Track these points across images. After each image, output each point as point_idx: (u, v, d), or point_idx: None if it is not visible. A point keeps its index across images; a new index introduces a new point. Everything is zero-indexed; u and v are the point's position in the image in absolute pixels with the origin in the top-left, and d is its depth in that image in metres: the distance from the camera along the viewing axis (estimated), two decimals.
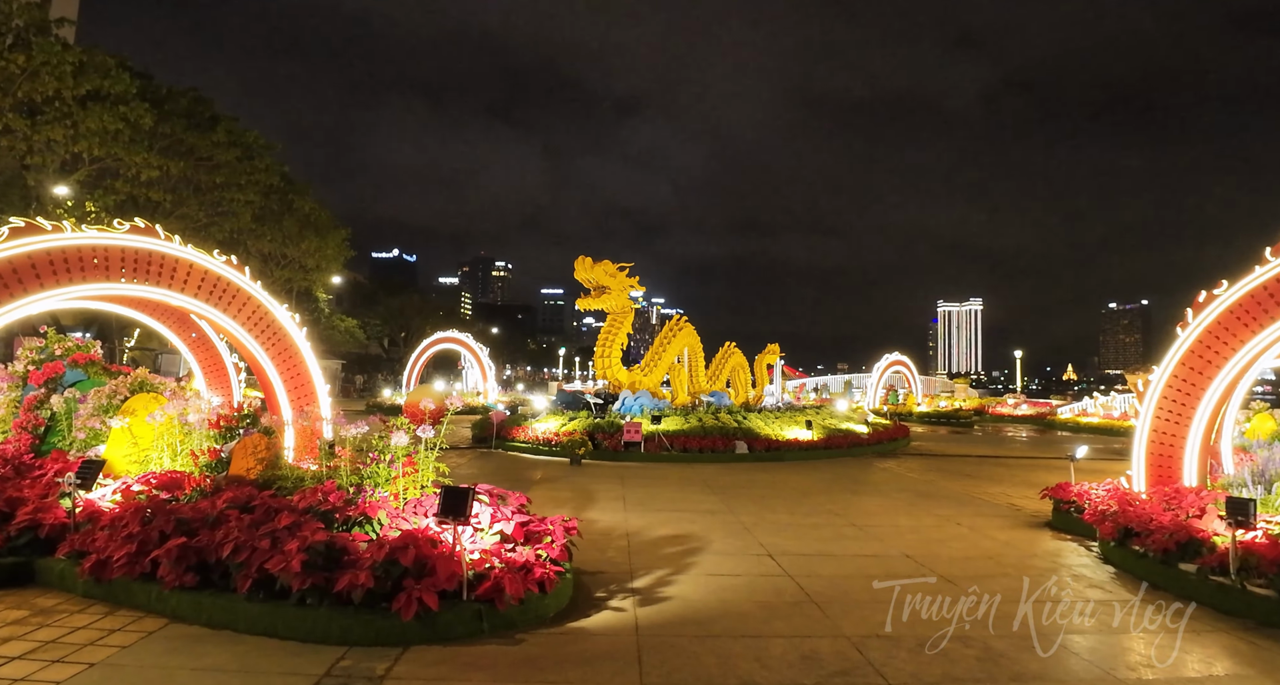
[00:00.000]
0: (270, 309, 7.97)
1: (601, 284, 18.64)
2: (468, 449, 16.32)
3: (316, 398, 8.20)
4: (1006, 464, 15.42)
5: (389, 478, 6.22)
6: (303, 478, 6.31)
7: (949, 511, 9.36)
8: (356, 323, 54.86)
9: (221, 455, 6.78)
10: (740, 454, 14.82)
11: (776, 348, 27.24)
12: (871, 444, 17.43)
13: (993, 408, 36.28)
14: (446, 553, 4.80)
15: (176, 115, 26.62)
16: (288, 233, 32.76)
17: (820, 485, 11.62)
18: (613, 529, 7.88)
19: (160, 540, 5.09)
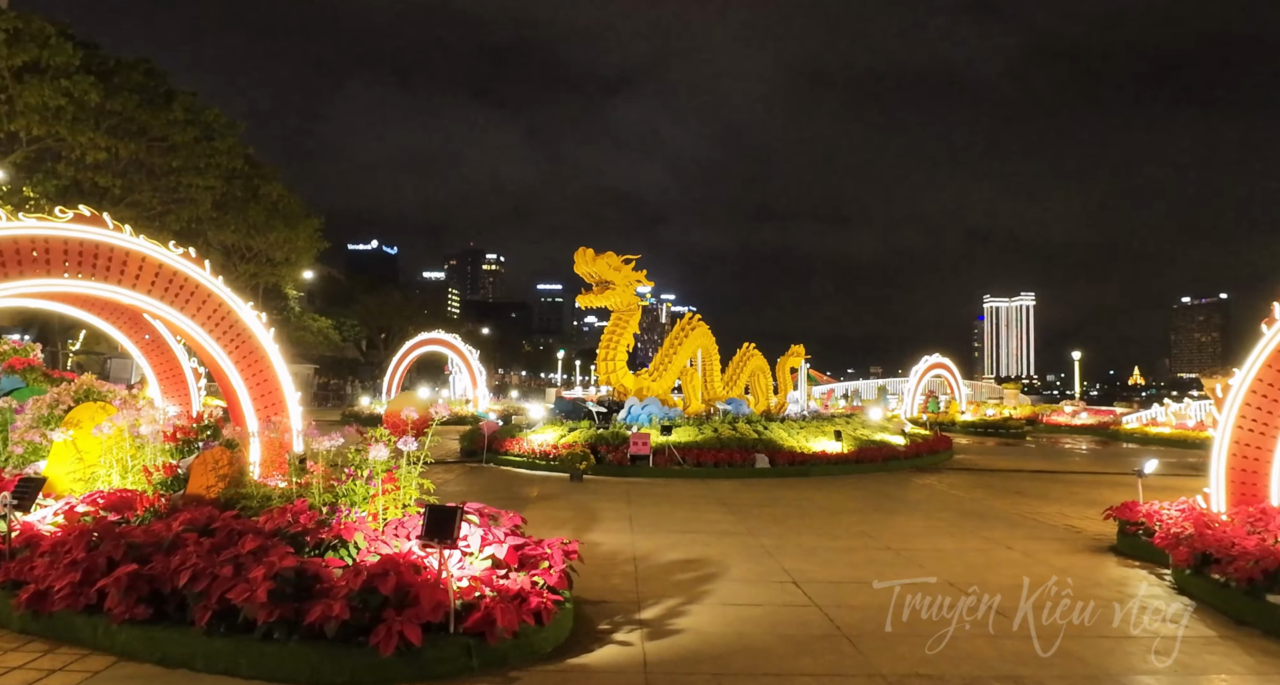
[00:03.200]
0: (233, 307, 7.99)
1: (605, 278, 18.66)
2: (455, 463, 16.35)
3: (286, 407, 8.21)
4: (1064, 480, 15.33)
5: (367, 496, 6.21)
6: (270, 496, 6.31)
7: (998, 534, 9.31)
8: (331, 323, 55.21)
9: (178, 472, 6.80)
10: (761, 469, 14.81)
11: (801, 349, 27.22)
12: (909, 457, 17.36)
13: (1047, 416, 36.07)
14: (431, 580, 4.79)
15: (126, 90, 26.54)
16: (253, 222, 32.90)
17: (851, 504, 11.60)
18: (618, 553, 7.89)
19: (108, 568, 5.10)
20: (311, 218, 36.86)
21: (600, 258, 18.60)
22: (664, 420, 17.19)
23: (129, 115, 26.43)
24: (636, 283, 19.33)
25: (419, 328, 50.45)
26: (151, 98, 27.82)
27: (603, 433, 16.04)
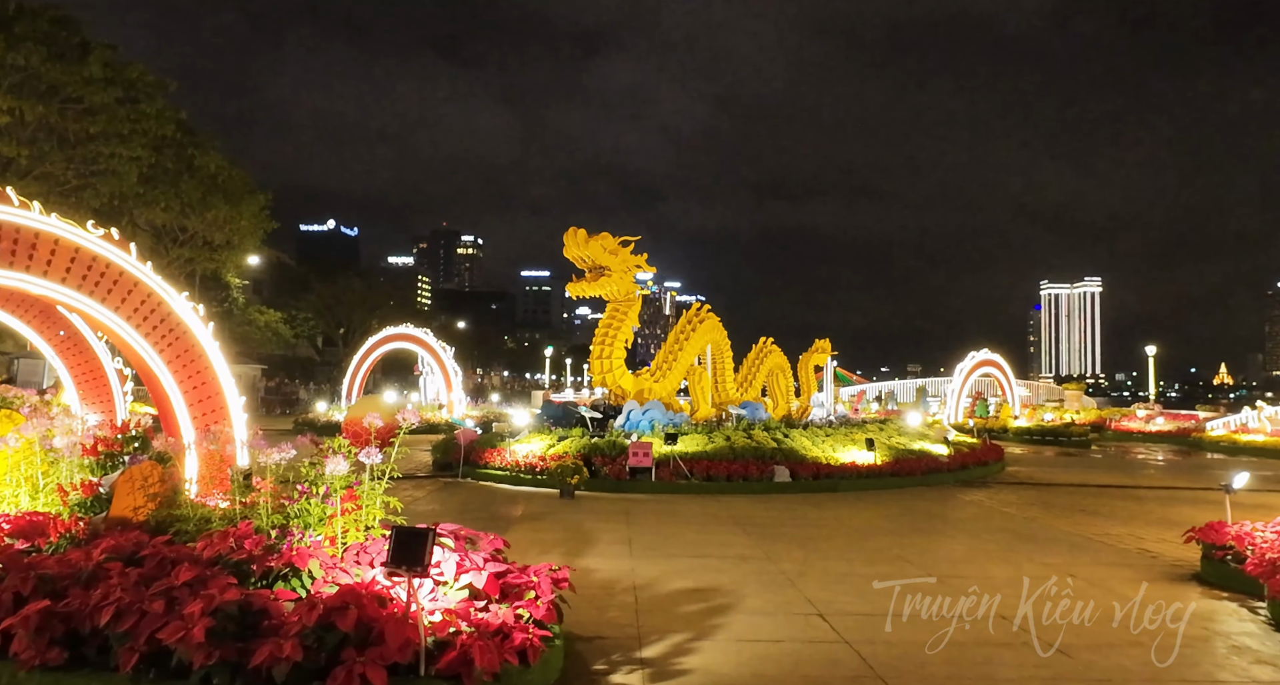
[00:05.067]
0: (165, 298, 7.98)
1: (599, 263, 18.66)
2: (427, 478, 16.38)
3: (228, 414, 8.21)
4: (1136, 496, 15.35)
5: (323, 517, 6.21)
6: (209, 518, 6.31)
7: (1059, 559, 9.32)
8: (281, 316, 55.29)
9: (100, 490, 6.79)
10: (781, 483, 14.88)
11: (827, 345, 27.21)
12: (954, 470, 17.43)
13: (1116, 422, 36.10)
14: (398, 614, 4.78)
15: (31, 41, 25.71)
16: (187, 199, 32.75)
17: (886, 524, 11.65)
18: (616, 581, 7.92)
19: (15, 604, 5.07)
20: (257, 194, 36.82)
21: (594, 239, 18.57)
22: (668, 427, 17.24)
23: (35, 71, 25.84)
24: (636, 268, 19.33)
25: (384, 321, 50.43)
26: (62, 51, 27.19)
27: (597, 442, 16.07)
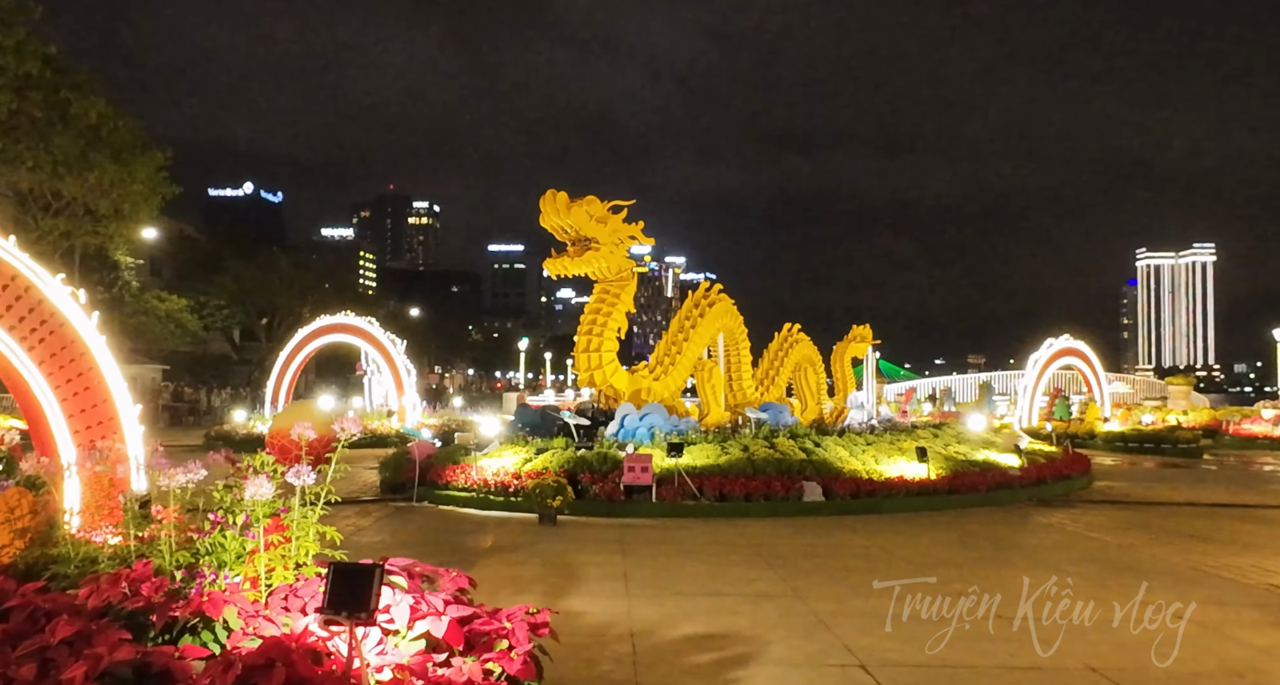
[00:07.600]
0: (34, 281, 7.94)
1: (584, 235, 18.53)
2: (374, 503, 16.40)
3: (119, 427, 8.18)
4: (1262, 517, 15.37)
5: (242, 553, 6.18)
6: (95, 558, 6.28)
7: (1163, 596, 9.30)
8: (187, 304, 55.02)
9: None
10: (811, 503, 14.86)
11: (867, 332, 27.18)
12: (1028, 485, 17.39)
13: (1235, 424, 36.03)
14: (338, 672, 4.78)
15: None
16: (61, 156, 32.32)
17: (943, 552, 11.67)
18: (609, 626, 7.93)
19: None
20: (153, 150, 36.66)
21: (577, 205, 18.35)
22: (672, 435, 17.19)
23: None
24: (630, 240, 19.23)
25: (318, 309, 50.44)
26: None
27: (585, 455, 16.06)
